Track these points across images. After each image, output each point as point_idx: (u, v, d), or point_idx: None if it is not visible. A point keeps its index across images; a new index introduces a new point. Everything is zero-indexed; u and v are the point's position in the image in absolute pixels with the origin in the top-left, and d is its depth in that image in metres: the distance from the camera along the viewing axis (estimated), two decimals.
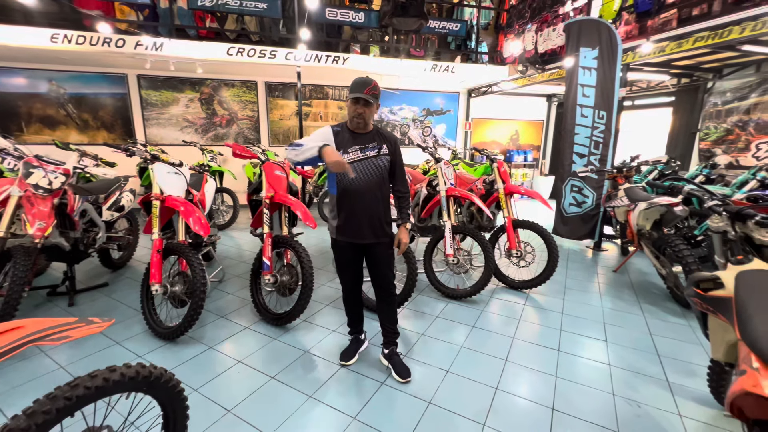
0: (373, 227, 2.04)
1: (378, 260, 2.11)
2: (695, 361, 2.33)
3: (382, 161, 2.01)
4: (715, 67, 5.44)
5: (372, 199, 2.01)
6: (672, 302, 3.18)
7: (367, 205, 2.01)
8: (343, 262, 2.15)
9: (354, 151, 1.97)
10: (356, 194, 1.98)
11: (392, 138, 2.09)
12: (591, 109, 4.47)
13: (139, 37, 4.79)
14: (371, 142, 2.00)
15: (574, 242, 4.97)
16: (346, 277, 2.18)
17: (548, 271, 3.29)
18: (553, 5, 5.69)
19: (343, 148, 1.95)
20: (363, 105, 1.91)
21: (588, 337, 2.63)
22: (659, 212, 3.28)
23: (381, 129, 2.08)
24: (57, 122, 6.09)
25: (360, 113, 1.93)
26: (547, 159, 9.13)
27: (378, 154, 2.01)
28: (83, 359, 2.28)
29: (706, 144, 5.86)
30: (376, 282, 2.18)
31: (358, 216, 2.00)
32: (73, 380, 1.08)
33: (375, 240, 2.05)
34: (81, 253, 3.03)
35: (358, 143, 1.99)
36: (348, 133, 2.00)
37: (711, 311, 1.47)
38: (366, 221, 2.01)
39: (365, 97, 1.87)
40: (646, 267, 4.07)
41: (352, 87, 1.91)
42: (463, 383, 2.12)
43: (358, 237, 2.03)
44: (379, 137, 2.03)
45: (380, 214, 2.05)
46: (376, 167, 1.99)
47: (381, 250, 2.10)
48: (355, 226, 2.02)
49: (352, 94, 1.90)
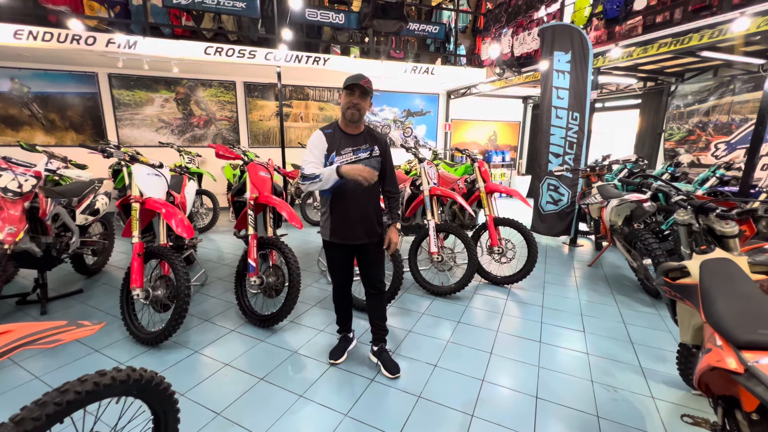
0: (366, 228, 2.06)
1: (369, 259, 2.14)
2: (665, 347, 2.48)
3: (374, 163, 2.02)
4: (678, 71, 5.78)
5: (364, 200, 2.02)
6: (643, 293, 3.36)
7: (360, 206, 2.02)
8: (335, 261, 2.16)
9: (347, 153, 1.96)
10: (349, 196, 1.98)
11: (383, 139, 2.10)
12: (565, 111, 4.66)
13: (111, 35, 4.62)
14: (363, 144, 2.00)
15: (552, 239, 5.16)
16: (337, 275, 2.19)
17: (528, 267, 3.41)
18: (527, 10, 5.89)
19: (336, 150, 1.94)
20: (359, 96, 1.89)
21: (567, 329, 2.75)
22: (630, 208, 3.46)
23: (372, 129, 2.09)
24: (21, 122, 5.78)
25: (355, 104, 1.90)
26: (524, 159, 9.41)
27: (370, 155, 2.01)
28: (60, 369, 2.19)
29: (670, 144, 6.21)
30: (367, 280, 2.21)
31: (351, 217, 2.01)
32: (62, 385, 1.06)
33: (367, 240, 2.07)
34: (53, 259, 2.90)
35: (350, 144, 1.98)
36: (340, 133, 1.98)
37: (679, 298, 1.58)
38: (359, 222, 2.03)
39: (362, 85, 1.86)
40: (619, 261, 4.28)
41: (347, 80, 1.89)
42: (451, 376, 2.17)
43: (351, 238, 2.05)
44: (370, 138, 2.04)
45: (372, 214, 2.07)
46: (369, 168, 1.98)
47: (373, 250, 2.12)
48: (348, 227, 2.03)
49: (347, 83, 1.88)
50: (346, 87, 1.90)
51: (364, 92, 1.90)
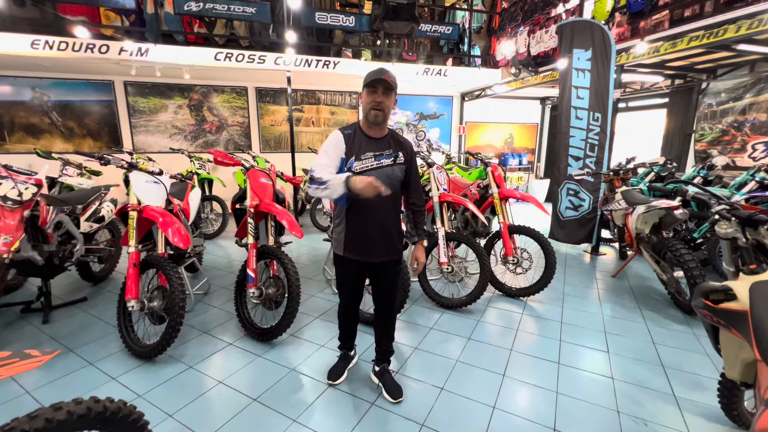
0: (386, 244, 1.84)
1: (385, 278, 1.94)
2: (702, 373, 2.22)
3: (398, 171, 1.81)
4: (709, 67, 5.40)
5: (385, 212, 1.80)
6: (674, 308, 3.07)
7: (380, 219, 1.80)
8: (345, 278, 1.95)
9: (367, 158, 1.73)
10: (368, 207, 1.75)
11: (408, 145, 1.88)
12: (586, 111, 4.40)
13: (122, 43, 4.67)
14: (386, 149, 1.79)
15: (572, 247, 4.88)
16: (346, 293, 2.00)
17: (546, 278, 3.18)
18: (545, 7, 5.65)
19: (355, 155, 1.73)
20: (382, 92, 1.68)
21: (589, 348, 2.51)
22: (658, 215, 3.19)
23: (396, 134, 1.87)
24: (41, 130, 5.93)
25: (379, 102, 1.68)
26: (542, 162, 9.08)
27: (394, 162, 1.79)
28: (53, 382, 2.12)
29: (701, 145, 5.81)
30: (379, 300, 2.02)
31: (369, 231, 1.79)
32: (8, 424, 0.94)
33: (386, 258, 1.86)
34: (56, 267, 2.87)
35: (372, 149, 1.76)
36: (361, 136, 1.77)
37: (723, 325, 1.36)
38: (378, 237, 1.81)
39: (385, 80, 1.65)
40: (646, 271, 3.97)
41: (367, 76, 1.69)
42: (459, 402, 1.99)
43: (368, 254, 1.83)
44: (395, 143, 1.82)
45: (393, 229, 1.86)
46: (391, 177, 1.77)
47: (390, 268, 1.92)
48: (365, 242, 1.81)
49: (368, 80, 1.67)
50: (367, 84, 1.68)
51: (388, 88, 1.68)
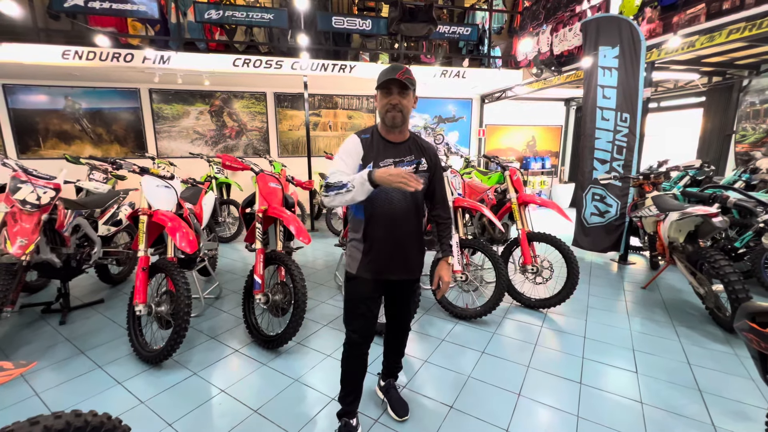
0: (407, 260, 1.67)
1: (402, 297, 1.79)
2: (746, 400, 1.98)
3: (421, 179, 1.59)
4: (752, 63, 5.00)
5: (408, 224, 1.63)
6: (713, 325, 2.80)
7: (403, 233, 1.62)
8: (359, 301, 1.66)
9: (387, 164, 1.56)
10: (390, 220, 1.59)
11: (432, 149, 1.70)
12: (612, 112, 4.15)
13: (145, 51, 4.81)
14: (408, 154, 1.61)
15: (598, 255, 4.60)
16: (359, 323, 1.67)
17: (568, 289, 2.99)
18: (568, 4, 5.42)
19: (373, 161, 1.55)
20: (398, 93, 1.51)
21: (615, 367, 2.31)
22: (694, 223, 2.93)
23: (418, 138, 1.69)
24: (72, 137, 6.21)
25: (395, 104, 1.51)
26: (566, 166, 8.72)
27: (416, 169, 1.60)
28: (61, 385, 2.14)
29: (743, 147, 5.39)
30: (393, 318, 1.86)
31: (390, 247, 1.62)
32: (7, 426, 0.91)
33: (406, 276, 1.69)
34: (74, 270, 2.94)
35: (391, 155, 1.58)
36: (380, 140, 1.60)
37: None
38: (399, 253, 1.64)
39: (398, 78, 1.47)
40: (680, 283, 3.67)
41: (380, 76, 1.52)
42: (469, 423, 1.85)
43: (387, 272, 1.64)
44: (416, 148, 1.65)
45: (416, 243, 1.69)
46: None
47: (408, 286, 1.76)
48: (385, 259, 1.62)
49: (381, 81, 1.51)
50: (380, 85, 1.53)
51: (403, 87, 1.51)
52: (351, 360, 1.72)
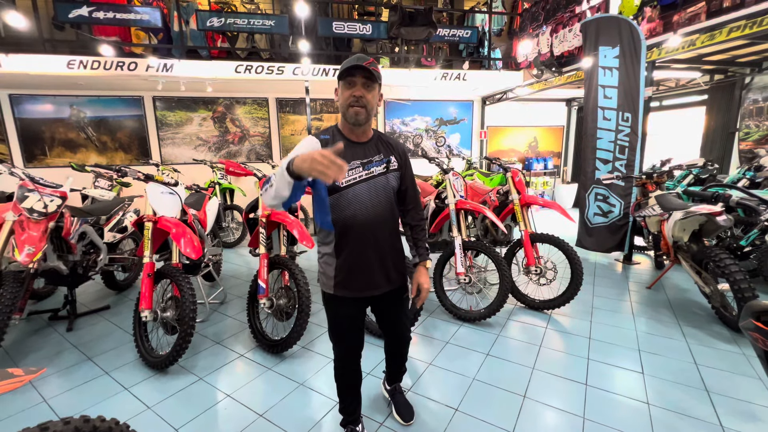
0: (386, 271, 1.53)
1: (390, 310, 1.66)
2: (755, 400, 1.96)
3: (392, 179, 1.51)
4: (754, 60, 4.99)
5: (383, 231, 1.49)
6: (719, 325, 2.78)
7: (379, 241, 1.48)
8: (341, 323, 1.55)
9: (354, 167, 1.42)
10: (364, 228, 1.44)
11: (400, 146, 1.57)
12: (614, 111, 4.15)
13: (148, 60, 4.87)
14: (375, 154, 1.48)
15: (602, 255, 4.58)
16: (344, 342, 1.60)
17: (572, 290, 2.97)
18: (568, 5, 5.43)
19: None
20: (363, 84, 1.36)
21: (620, 368, 2.30)
22: (698, 222, 2.92)
23: (383, 134, 1.56)
24: (77, 145, 6.28)
25: (359, 97, 1.35)
26: (568, 166, 8.70)
27: (387, 169, 1.49)
28: (69, 391, 2.16)
29: (747, 144, 5.36)
30: (388, 332, 1.77)
31: (365, 259, 1.47)
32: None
33: (388, 287, 1.55)
34: (80, 277, 2.97)
35: (358, 156, 1.44)
36: (342, 140, 1.42)
37: None
38: (376, 264, 1.49)
39: (364, 67, 1.33)
40: (685, 282, 3.65)
41: (342, 65, 1.37)
42: (474, 426, 1.85)
43: (368, 288, 1.51)
44: (384, 146, 1.51)
45: (394, 250, 1.56)
46: (386, 188, 1.48)
47: (394, 297, 1.63)
48: (364, 274, 1.48)
49: (344, 68, 1.35)
50: (342, 75, 1.36)
51: (369, 78, 1.36)
52: (344, 375, 1.66)
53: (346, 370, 1.65)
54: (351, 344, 1.61)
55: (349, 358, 1.63)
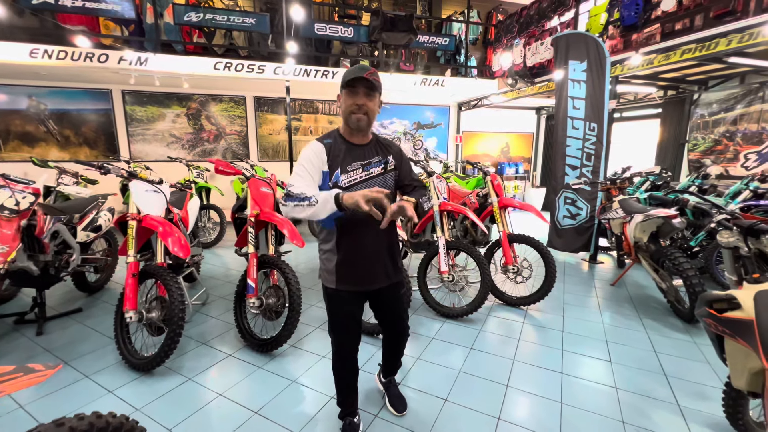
0: (385, 266, 1.63)
1: (390, 304, 1.73)
2: (705, 382, 2.22)
3: (390, 179, 1.61)
4: (701, 79, 5.53)
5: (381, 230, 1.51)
6: (674, 317, 3.08)
7: (378, 238, 1.55)
8: (342, 317, 1.65)
9: (355, 169, 1.52)
10: (363, 226, 1.51)
11: (395, 147, 1.68)
12: (582, 121, 4.46)
13: (122, 52, 4.68)
14: (374, 156, 1.57)
15: (570, 255, 4.89)
16: (343, 335, 1.67)
17: (546, 287, 3.18)
18: (540, 20, 5.77)
19: (339, 167, 1.50)
20: (364, 94, 1.46)
21: (591, 357, 2.51)
22: (656, 224, 3.22)
23: (381, 138, 1.67)
24: (36, 139, 5.89)
25: (361, 105, 1.46)
26: (538, 171, 9.16)
27: (385, 170, 1.59)
28: (47, 396, 2.07)
29: (695, 155, 5.91)
30: (387, 327, 1.85)
31: (367, 255, 1.56)
32: None
33: (387, 282, 1.64)
34: (52, 278, 2.82)
35: (358, 158, 1.54)
36: (343, 144, 1.54)
37: (728, 334, 1.36)
38: (376, 260, 1.59)
39: (366, 78, 1.43)
40: (644, 279, 3.99)
41: (345, 75, 1.46)
42: (463, 414, 1.96)
43: (367, 282, 1.60)
44: (381, 148, 1.62)
45: (393, 247, 1.65)
46: (384, 187, 1.54)
47: (393, 292, 1.70)
48: (363, 269, 1.58)
49: (347, 79, 1.44)
50: (346, 84, 1.46)
51: (370, 88, 1.46)
52: (342, 368, 1.73)
53: (344, 363, 1.73)
54: (349, 338, 1.69)
55: (347, 351, 1.71)
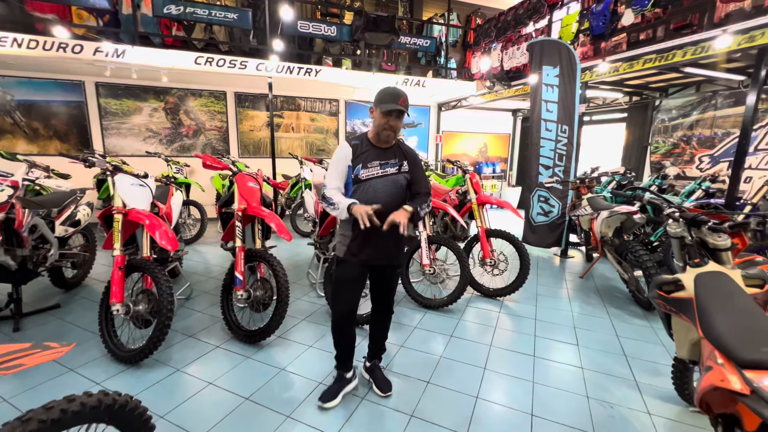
0: (391, 249, 1.95)
1: (386, 281, 2.05)
2: (659, 361, 2.46)
3: (402, 179, 1.92)
4: (662, 86, 5.94)
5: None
6: (635, 305, 3.36)
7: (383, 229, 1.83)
8: (348, 281, 1.95)
9: (373, 166, 1.86)
10: (377, 214, 1.77)
11: (412, 154, 1.99)
12: (555, 124, 4.72)
13: (98, 43, 4.56)
14: (392, 158, 1.90)
15: (543, 250, 5.17)
16: (347, 299, 1.96)
17: (521, 279, 3.39)
18: (516, 26, 6.02)
19: (362, 163, 1.85)
20: (396, 117, 1.80)
21: (561, 342, 2.71)
22: (620, 220, 3.48)
23: (402, 144, 1.98)
24: (2, 131, 5.62)
25: (392, 126, 1.81)
26: (514, 170, 9.51)
27: (398, 171, 1.91)
28: (31, 390, 2.06)
29: (656, 156, 6.34)
30: (380, 301, 2.11)
31: (375, 237, 1.83)
32: (25, 414, 0.98)
33: (388, 262, 1.97)
34: (29, 273, 2.77)
35: (378, 158, 1.87)
36: (369, 146, 1.88)
37: (674, 312, 1.56)
38: (383, 243, 1.89)
39: (400, 108, 1.76)
40: (610, 272, 4.29)
41: (383, 97, 1.79)
42: (444, 394, 2.11)
43: (373, 258, 1.92)
44: (400, 153, 1.94)
45: (396, 235, 1.83)
46: (395, 185, 1.90)
47: (391, 271, 2.03)
48: (371, 247, 1.89)
49: (384, 105, 1.77)
50: (383, 110, 1.77)
51: (400, 115, 1.81)
52: (341, 336, 2.03)
53: (342, 330, 2.01)
54: (348, 303, 1.96)
55: (348, 315, 1.98)
